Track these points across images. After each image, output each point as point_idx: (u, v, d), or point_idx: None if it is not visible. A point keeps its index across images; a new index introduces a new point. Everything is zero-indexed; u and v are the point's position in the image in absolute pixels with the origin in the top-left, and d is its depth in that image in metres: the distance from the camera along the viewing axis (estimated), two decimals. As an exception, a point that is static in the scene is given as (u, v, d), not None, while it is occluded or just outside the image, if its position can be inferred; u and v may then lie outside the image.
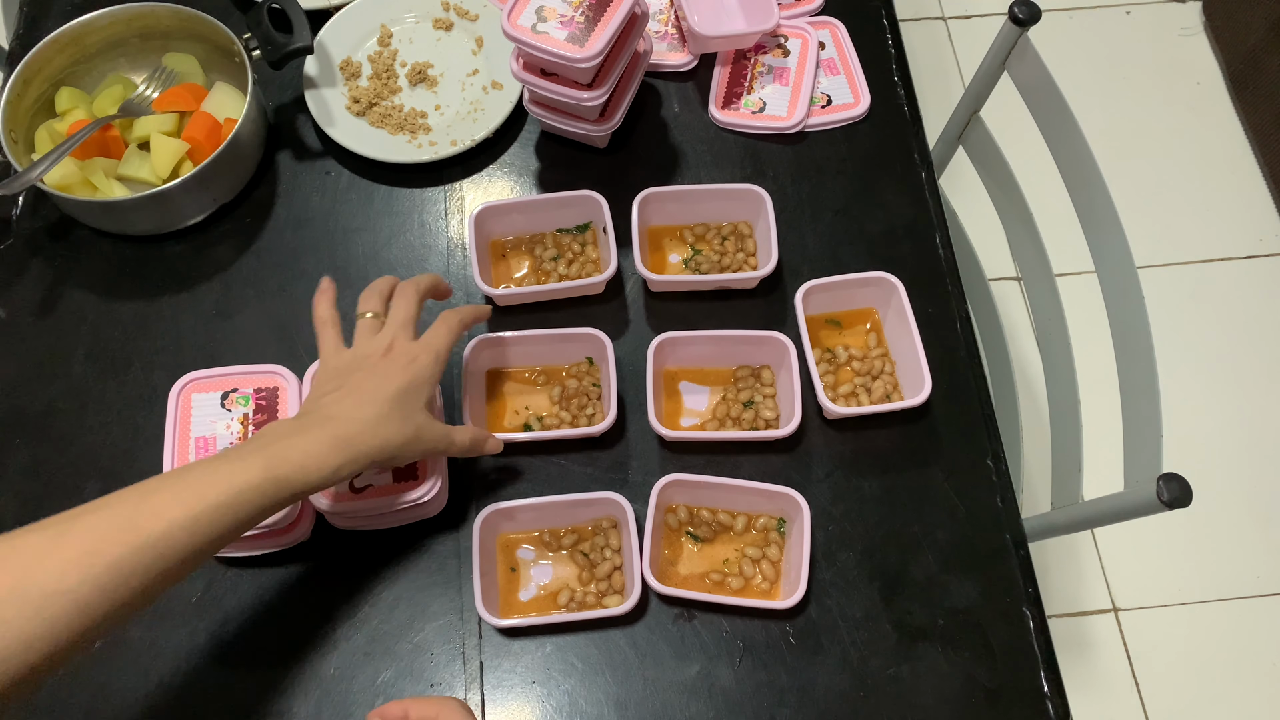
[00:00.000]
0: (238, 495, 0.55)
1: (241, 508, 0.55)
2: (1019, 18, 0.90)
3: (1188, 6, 2.01)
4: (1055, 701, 0.70)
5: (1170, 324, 1.69)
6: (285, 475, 0.57)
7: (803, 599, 0.71)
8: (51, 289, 0.85)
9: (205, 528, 0.54)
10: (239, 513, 0.55)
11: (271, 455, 0.58)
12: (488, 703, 0.70)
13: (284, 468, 0.57)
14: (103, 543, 0.51)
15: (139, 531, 0.51)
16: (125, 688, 0.70)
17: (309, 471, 0.58)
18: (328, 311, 0.69)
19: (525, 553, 0.74)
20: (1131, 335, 0.81)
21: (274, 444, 0.59)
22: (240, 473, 0.56)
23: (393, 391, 0.64)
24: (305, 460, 0.58)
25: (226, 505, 0.55)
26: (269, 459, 0.57)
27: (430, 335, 0.68)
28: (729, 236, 0.86)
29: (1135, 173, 1.83)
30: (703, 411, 0.80)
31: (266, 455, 0.57)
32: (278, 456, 0.58)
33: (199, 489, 0.54)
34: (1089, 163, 0.87)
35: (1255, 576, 1.52)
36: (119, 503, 0.53)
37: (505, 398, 0.80)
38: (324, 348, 0.67)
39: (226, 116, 0.87)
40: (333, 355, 0.67)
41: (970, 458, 0.79)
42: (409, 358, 0.66)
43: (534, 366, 0.81)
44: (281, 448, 0.58)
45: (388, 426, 0.63)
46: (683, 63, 0.95)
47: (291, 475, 0.58)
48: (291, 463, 0.58)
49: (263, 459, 0.57)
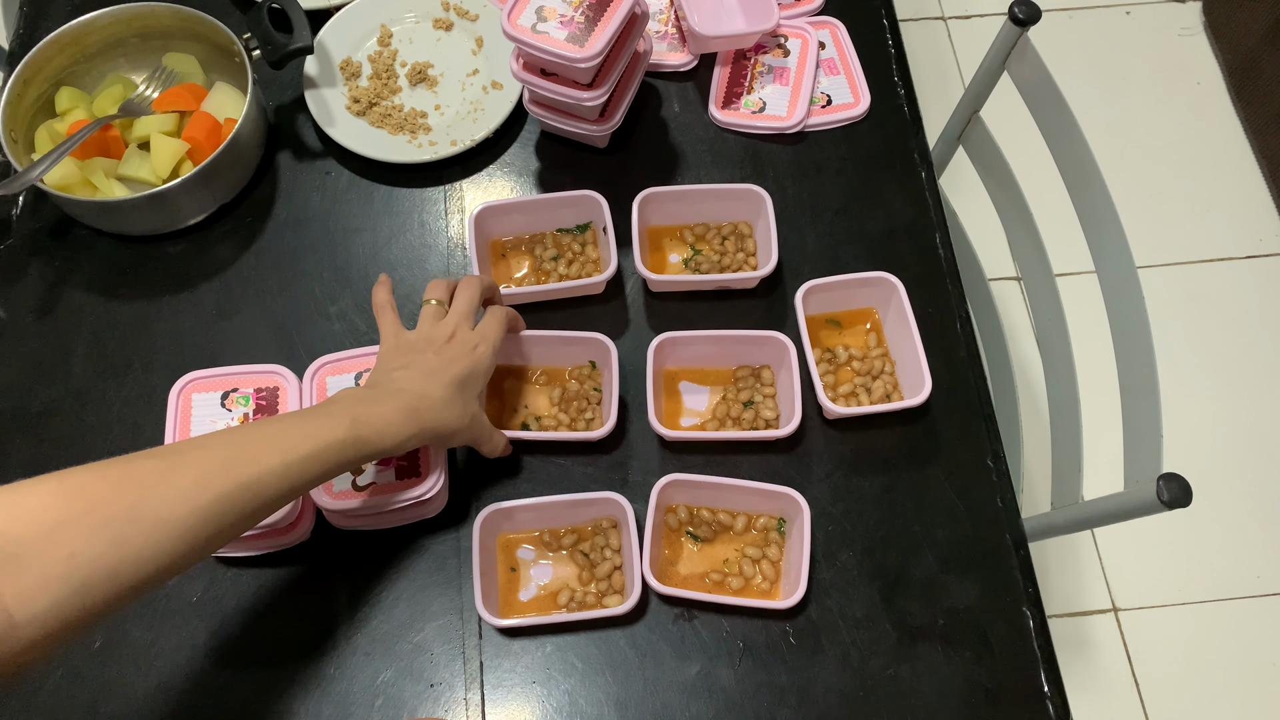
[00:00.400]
0: (325, 449, 0.59)
1: (328, 460, 0.59)
2: (1019, 18, 0.90)
3: (1188, 6, 2.01)
4: (1055, 701, 0.70)
5: (1170, 324, 1.69)
6: (366, 437, 0.61)
7: (803, 599, 0.71)
8: (51, 289, 0.85)
9: (295, 475, 0.58)
10: (325, 465, 0.59)
11: (357, 415, 0.61)
12: (488, 703, 0.70)
13: (366, 430, 0.61)
14: (209, 477, 0.54)
15: (240, 473, 0.55)
16: (126, 687, 0.70)
17: (385, 437, 0.62)
18: (386, 297, 0.72)
19: (525, 553, 0.74)
20: (1131, 335, 0.81)
21: (359, 406, 0.62)
22: (328, 429, 0.60)
23: (457, 375, 0.68)
24: (384, 426, 0.62)
25: (315, 457, 0.58)
26: (355, 419, 0.61)
27: (485, 327, 0.72)
28: (729, 236, 0.86)
29: (1135, 173, 1.83)
30: (703, 411, 0.80)
31: (353, 415, 0.61)
32: (362, 419, 0.61)
33: (292, 440, 0.58)
34: (1089, 163, 0.87)
35: (1255, 576, 1.52)
36: (220, 444, 0.57)
37: (505, 395, 0.80)
38: (385, 329, 0.71)
39: (226, 116, 0.87)
40: (395, 336, 0.70)
41: (970, 458, 0.79)
42: (470, 346, 0.70)
43: (536, 366, 0.81)
44: (364, 411, 0.62)
45: (451, 408, 0.67)
46: (683, 63, 0.95)
47: (371, 437, 0.61)
48: (373, 426, 0.62)
49: (349, 419, 0.61)
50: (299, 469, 0.58)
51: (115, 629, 0.71)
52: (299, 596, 0.73)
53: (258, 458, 0.56)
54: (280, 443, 0.58)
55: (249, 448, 0.57)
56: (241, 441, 0.57)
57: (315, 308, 0.84)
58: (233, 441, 0.57)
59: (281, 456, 0.57)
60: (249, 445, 0.57)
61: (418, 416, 0.64)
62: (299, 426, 0.60)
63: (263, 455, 0.57)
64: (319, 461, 0.59)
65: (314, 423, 0.60)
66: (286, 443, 0.58)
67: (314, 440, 0.59)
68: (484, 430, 0.71)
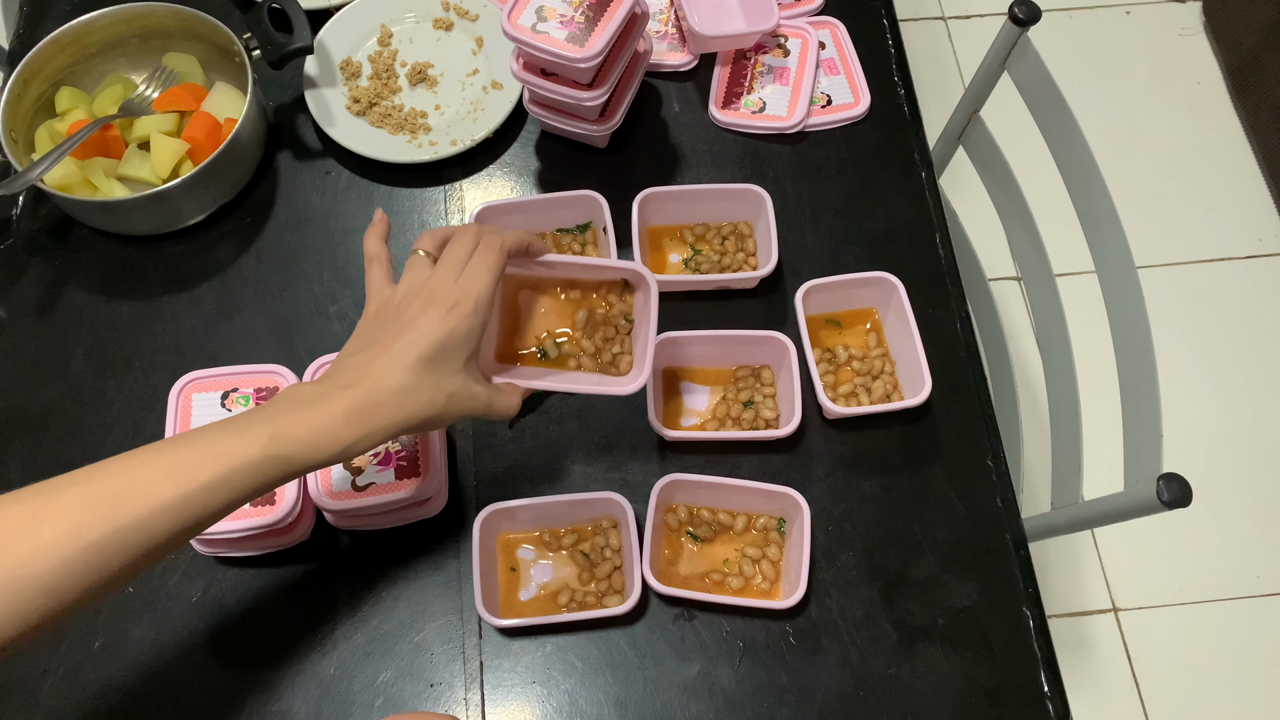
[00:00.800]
0: (233, 473, 0.51)
1: (239, 486, 0.51)
2: (1019, 18, 0.90)
3: (1188, 6, 2.01)
4: (1055, 701, 0.70)
5: (1170, 324, 1.69)
6: (289, 453, 0.52)
7: (803, 599, 0.71)
8: (51, 289, 0.85)
9: (195, 508, 0.50)
10: (235, 491, 0.51)
11: (278, 429, 0.52)
12: (488, 703, 0.70)
13: (289, 445, 0.52)
14: (85, 522, 0.47)
15: (122, 513, 0.48)
16: (126, 687, 0.70)
17: (318, 449, 0.53)
18: (375, 246, 0.62)
19: (525, 553, 0.74)
20: (1131, 335, 0.81)
21: (284, 415, 0.53)
22: (239, 449, 0.51)
23: (424, 351, 0.56)
24: (315, 436, 0.53)
25: (220, 484, 0.50)
26: (274, 434, 0.52)
27: (468, 277, 0.59)
28: (729, 236, 0.86)
29: (1135, 173, 1.83)
30: (703, 411, 0.80)
31: (272, 429, 0.52)
32: (284, 432, 0.52)
33: (193, 466, 0.50)
34: (1089, 163, 0.87)
35: (1255, 576, 1.52)
36: (105, 476, 0.49)
37: (519, 309, 0.71)
38: (370, 289, 0.61)
39: (226, 116, 0.87)
40: (374, 298, 0.60)
41: (970, 458, 0.79)
42: (445, 306, 0.57)
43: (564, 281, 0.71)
44: (290, 421, 0.53)
45: (415, 397, 0.56)
46: (683, 63, 0.95)
47: (296, 453, 0.52)
48: (298, 439, 0.52)
49: (267, 433, 0.52)
50: (200, 501, 0.50)
51: (115, 629, 0.71)
52: (299, 596, 0.73)
53: (148, 490, 0.48)
54: (176, 470, 0.49)
55: (138, 479, 0.49)
56: (129, 472, 0.49)
57: (315, 308, 0.84)
58: (119, 472, 0.49)
59: (176, 488, 0.49)
60: (138, 476, 0.49)
61: (365, 417, 0.54)
62: (205, 447, 0.51)
63: (154, 487, 0.49)
64: (226, 489, 0.50)
65: (224, 441, 0.51)
66: (185, 470, 0.50)
67: (219, 464, 0.50)
68: (476, 402, 0.59)
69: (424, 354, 0.56)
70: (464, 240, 0.61)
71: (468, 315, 0.58)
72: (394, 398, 0.55)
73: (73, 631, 0.71)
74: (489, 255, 0.60)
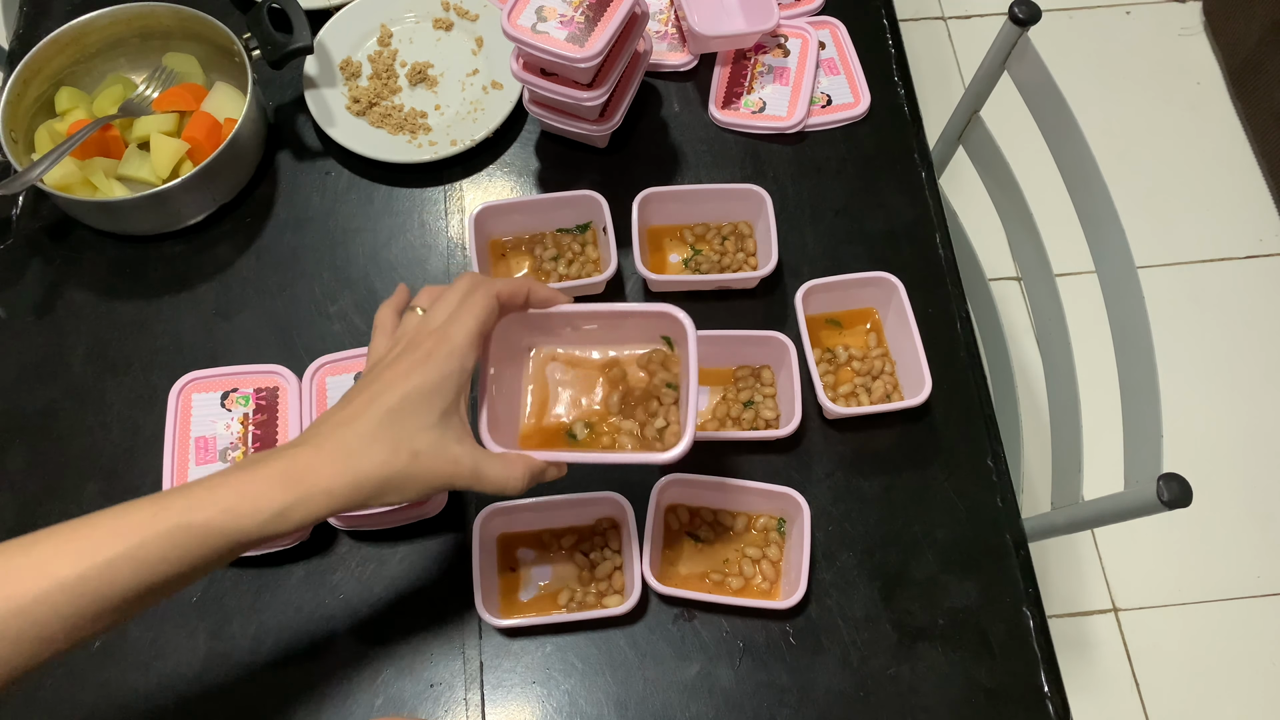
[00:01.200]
0: (139, 548, 0.44)
1: (145, 561, 0.44)
2: (1019, 18, 0.90)
3: (1188, 6, 2.01)
4: (1055, 701, 0.70)
5: (1170, 324, 1.69)
6: (203, 520, 0.46)
7: (803, 599, 0.71)
8: (51, 289, 0.85)
9: (94, 589, 0.43)
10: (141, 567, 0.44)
11: (195, 501, 0.46)
12: (488, 703, 0.70)
13: (204, 511, 0.46)
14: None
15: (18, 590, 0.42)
16: (126, 687, 0.70)
17: (239, 515, 0.46)
18: (384, 315, 0.58)
19: (525, 553, 0.74)
20: (1131, 335, 0.81)
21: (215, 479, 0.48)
22: (148, 520, 0.45)
23: (389, 404, 0.50)
24: (236, 502, 0.46)
25: (123, 559, 0.44)
26: (190, 505, 0.46)
27: (448, 321, 0.53)
28: (729, 236, 0.86)
29: (1135, 173, 1.83)
30: (703, 411, 0.80)
31: (189, 500, 0.46)
32: (201, 502, 0.46)
33: (96, 539, 0.44)
34: (1089, 163, 0.87)
35: (1255, 576, 1.52)
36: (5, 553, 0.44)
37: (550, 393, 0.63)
38: (367, 356, 0.57)
39: (226, 116, 0.87)
40: (367, 361, 0.57)
41: (970, 458, 0.79)
42: (419, 354, 0.51)
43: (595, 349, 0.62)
44: (212, 484, 0.47)
45: (365, 457, 0.49)
46: (683, 63, 0.95)
47: (212, 520, 0.46)
48: (217, 505, 0.46)
49: (183, 504, 0.46)
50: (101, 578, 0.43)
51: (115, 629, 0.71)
52: (299, 596, 0.73)
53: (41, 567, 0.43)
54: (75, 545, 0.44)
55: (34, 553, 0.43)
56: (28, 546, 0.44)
57: (315, 308, 0.84)
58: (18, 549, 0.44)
59: (72, 566, 0.43)
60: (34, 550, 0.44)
61: (298, 481, 0.48)
62: (112, 519, 0.45)
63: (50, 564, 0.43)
64: (131, 565, 0.44)
65: (133, 513, 0.46)
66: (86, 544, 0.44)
67: (125, 537, 0.44)
68: (458, 466, 0.52)
69: (389, 407, 0.50)
70: (456, 287, 0.56)
71: (440, 361, 0.51)
72: (332, 458, 0.49)
73: (73, 631, 0.71)
74: (476, 298, 0.54)
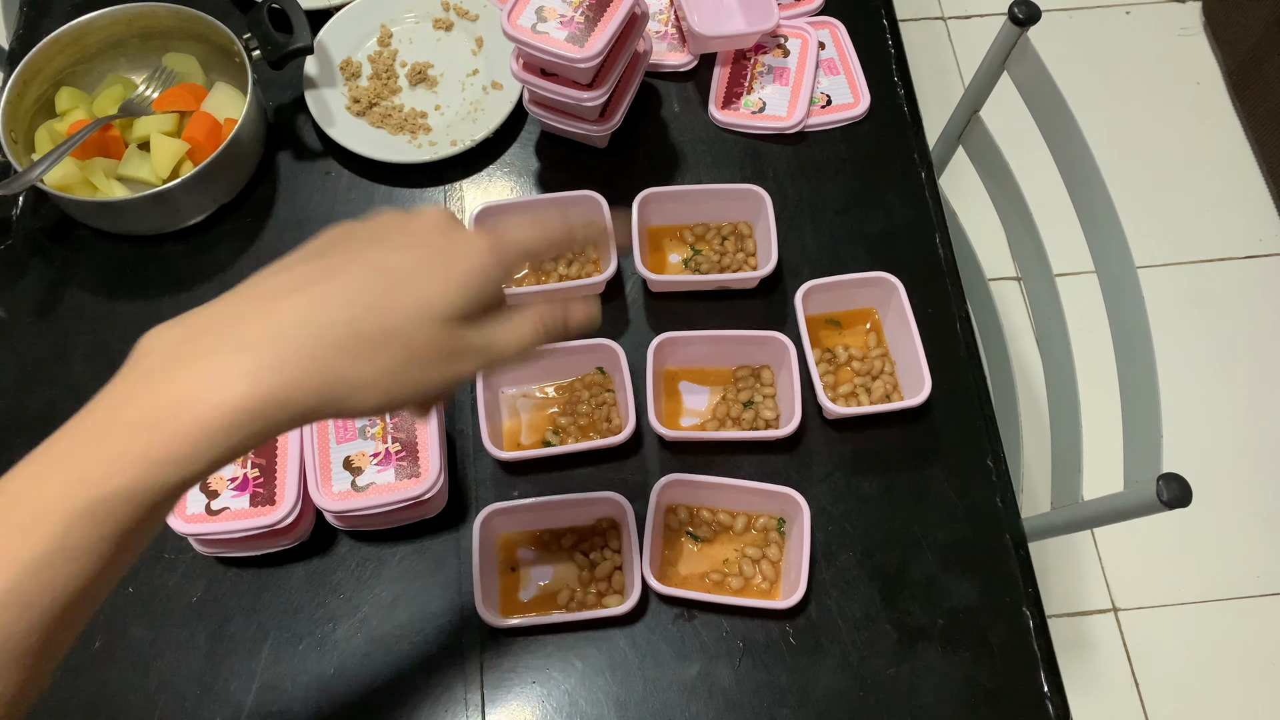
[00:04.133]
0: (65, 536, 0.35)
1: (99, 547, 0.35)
2: (1019, 18, 0.90)
3: (1188, 6, 2.01)
4: (1055, 701, 0.70)
5: (1170, 324, 1.69)
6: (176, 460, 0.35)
7: (803, 599, 0.71)
8: (51, 289, 0.85)
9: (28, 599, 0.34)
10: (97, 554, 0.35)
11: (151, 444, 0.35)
12: (488, 703, 0.70)
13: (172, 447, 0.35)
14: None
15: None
16: (126, 687, 0.70)
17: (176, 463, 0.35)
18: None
19: (525, 553, 0.74)
20: (1131, 335, 0.81)
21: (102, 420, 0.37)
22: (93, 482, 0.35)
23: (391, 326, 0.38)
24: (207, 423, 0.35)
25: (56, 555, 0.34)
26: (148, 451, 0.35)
27: (501, 334, 0.44)
28: (729, 236, 0.86)
29: (1135, 173, 1.83)
30: (703, 411, 0.80)
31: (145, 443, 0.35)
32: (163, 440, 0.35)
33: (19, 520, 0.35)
34: (1089, 163, 0.87)
35: (1255, 576, 1.52)
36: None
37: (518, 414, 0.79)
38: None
39: (226, 116, 0.87)
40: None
41: (970, 458, 0.79)
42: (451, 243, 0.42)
43: (545, 382, 0.80)
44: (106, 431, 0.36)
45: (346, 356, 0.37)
46: (683, 63, 0.95)
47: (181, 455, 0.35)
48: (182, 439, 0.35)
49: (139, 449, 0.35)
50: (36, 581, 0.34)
51: (115, 629, 0.71)
52: (299, 596, 0.73)
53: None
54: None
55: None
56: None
57: (315, 308, 0.84)
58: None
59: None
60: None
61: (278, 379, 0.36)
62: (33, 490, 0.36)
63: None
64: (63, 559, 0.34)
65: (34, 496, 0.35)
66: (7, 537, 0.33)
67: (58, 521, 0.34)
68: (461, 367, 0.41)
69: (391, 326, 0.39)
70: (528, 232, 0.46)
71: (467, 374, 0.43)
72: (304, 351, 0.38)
73: (73, 631, 0.71)
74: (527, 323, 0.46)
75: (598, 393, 0.79)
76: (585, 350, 0.78)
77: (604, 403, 0.78)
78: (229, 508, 0.68)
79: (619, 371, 0.77)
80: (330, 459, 0.70)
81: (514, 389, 0.79)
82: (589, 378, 0.80)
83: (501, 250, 0.43)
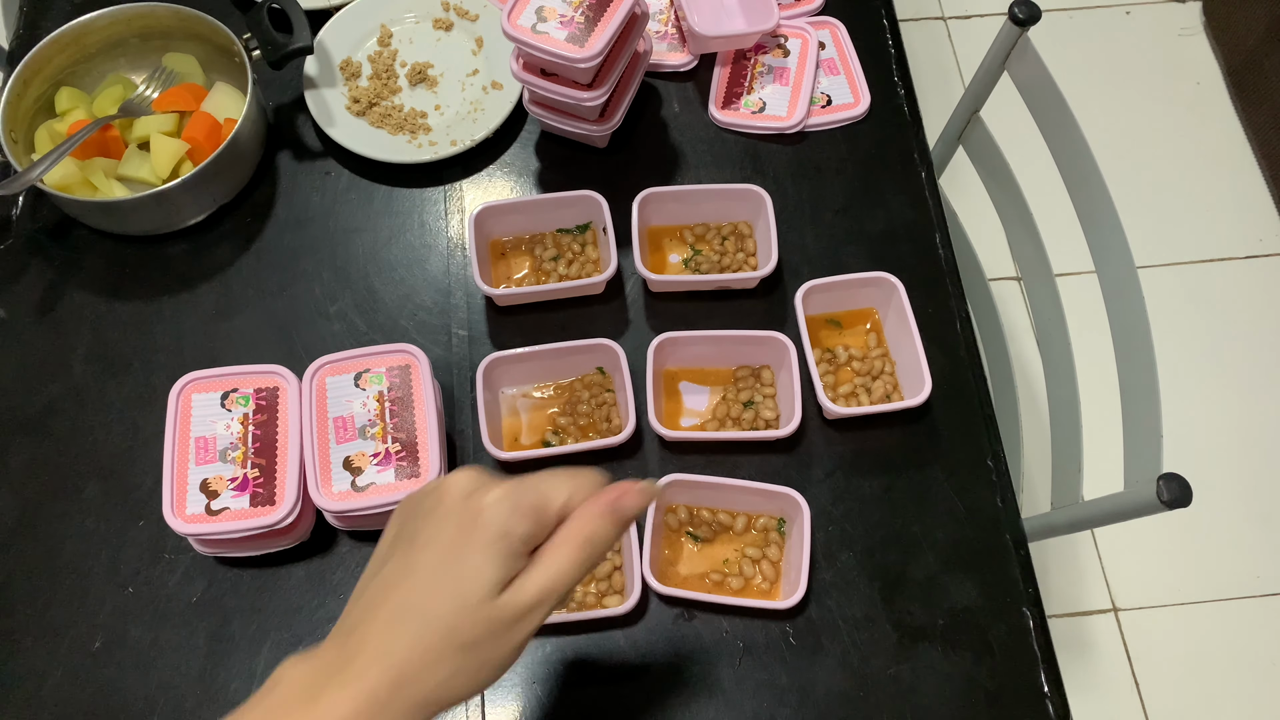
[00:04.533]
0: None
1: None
2: (1019, 18, 0.90)
3: (1188, 6, 2.01)
4: (1055, 701, 0.70)
5: (1170, 324, 1.69)
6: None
7: (803, 599, 0.71)
8: (51, 289, 0.85)
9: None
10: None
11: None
12: (488, 703, 0.70)
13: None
14: None
15: None
16: (126, 687, 0.70)
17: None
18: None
19: (525, 553, 0.74)
20: (1131, 335, 0.81)
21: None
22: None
23: (469, 639, 0.43)
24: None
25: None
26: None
27: (546, 577, 0.45)
28: (729, 236, 0.86)
29: (1135, 173, 1.83)
30: (703, 411, 0.80)
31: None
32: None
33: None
34: (1089, 163, 0.87)
35: (1255, 576, 1.52)
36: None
37: (518, 414, 0.79)
38: None
39: (226, 116, 0.87)
40: None
41: (970, 458, 0.79)
42: (472, 512, 0.44)
43: (545, 383, 0.80)
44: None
45: (458, 679, 0.43)
46: (683, 63, 0.95)
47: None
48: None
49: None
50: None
51: (115, 629, 0.71)
52: (299, 596, 0.73)
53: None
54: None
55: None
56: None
57: (315, 308, 0.84)
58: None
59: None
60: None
61: (403, 694, 0.42)
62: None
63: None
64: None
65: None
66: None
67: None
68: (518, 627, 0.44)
69: (469, 640, 0.44)
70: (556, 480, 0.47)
71: (526, 637, 0.45)
72: (418, 666, 0.43)
73: (72, 631, 0.71)
74: (572, 547, 0.45)
75: (598, 393, 0.79)
76: (585, 350, 0.78)
77: (604, 403, 0.78)
78: (229, 508, 0.68)
79: (619, 372, 0.77)
80: (330, 459, 0.70)
81: (514, 389, 0.80)
82: (589, 378, 0.80)
83: (518, 496, 0.45)
